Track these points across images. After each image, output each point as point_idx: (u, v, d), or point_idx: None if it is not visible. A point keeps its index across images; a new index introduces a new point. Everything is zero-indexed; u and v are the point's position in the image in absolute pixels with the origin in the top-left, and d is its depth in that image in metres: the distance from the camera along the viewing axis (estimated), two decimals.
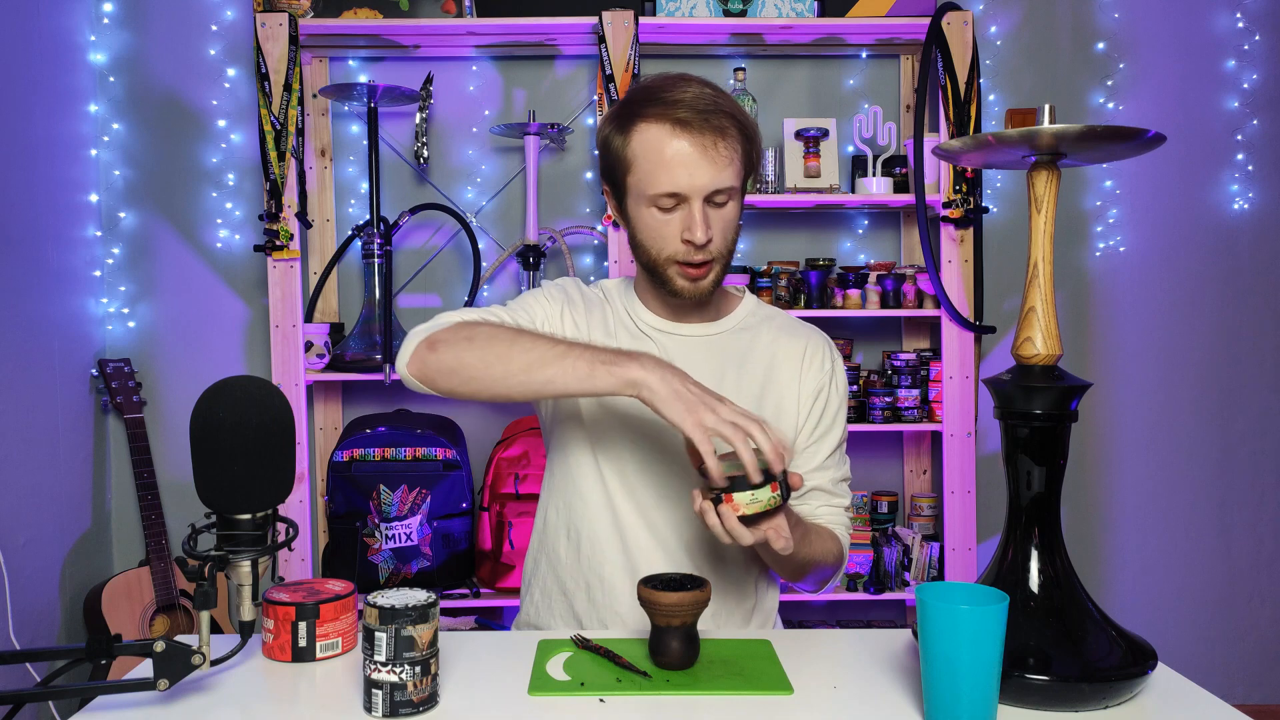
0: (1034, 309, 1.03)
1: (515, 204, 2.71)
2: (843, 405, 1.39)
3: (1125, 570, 2.81)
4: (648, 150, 1.23)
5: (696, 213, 1.22)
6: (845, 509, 1.37)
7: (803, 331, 1.40)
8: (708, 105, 1.22)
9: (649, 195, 1.24)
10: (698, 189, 1.22)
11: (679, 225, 1.24)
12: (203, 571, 0.98)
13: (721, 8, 2.49)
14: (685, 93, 1.22)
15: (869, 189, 2.51)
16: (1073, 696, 0.95)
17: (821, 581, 1.35)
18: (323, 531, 2.59)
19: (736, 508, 1.03)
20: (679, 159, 1.21)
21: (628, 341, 1.34)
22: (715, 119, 1.22)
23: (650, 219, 1.25)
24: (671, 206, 1.24)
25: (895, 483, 2.77)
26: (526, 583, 1.42)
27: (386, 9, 2.48)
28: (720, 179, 1.22)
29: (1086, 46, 2.74)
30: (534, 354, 1.11)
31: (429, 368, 1.17)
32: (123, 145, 2.64)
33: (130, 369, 2.52)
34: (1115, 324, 2.78)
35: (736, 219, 1.28)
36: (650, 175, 1.23)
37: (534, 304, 1.34)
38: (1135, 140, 0.99)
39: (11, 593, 2.14)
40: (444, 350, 1.16)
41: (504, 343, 1.13)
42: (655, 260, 1.27)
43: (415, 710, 0.96)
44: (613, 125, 1.28)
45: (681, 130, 1.21)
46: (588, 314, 1.36)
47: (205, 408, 0.97)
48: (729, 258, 1.29)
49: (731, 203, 1.26)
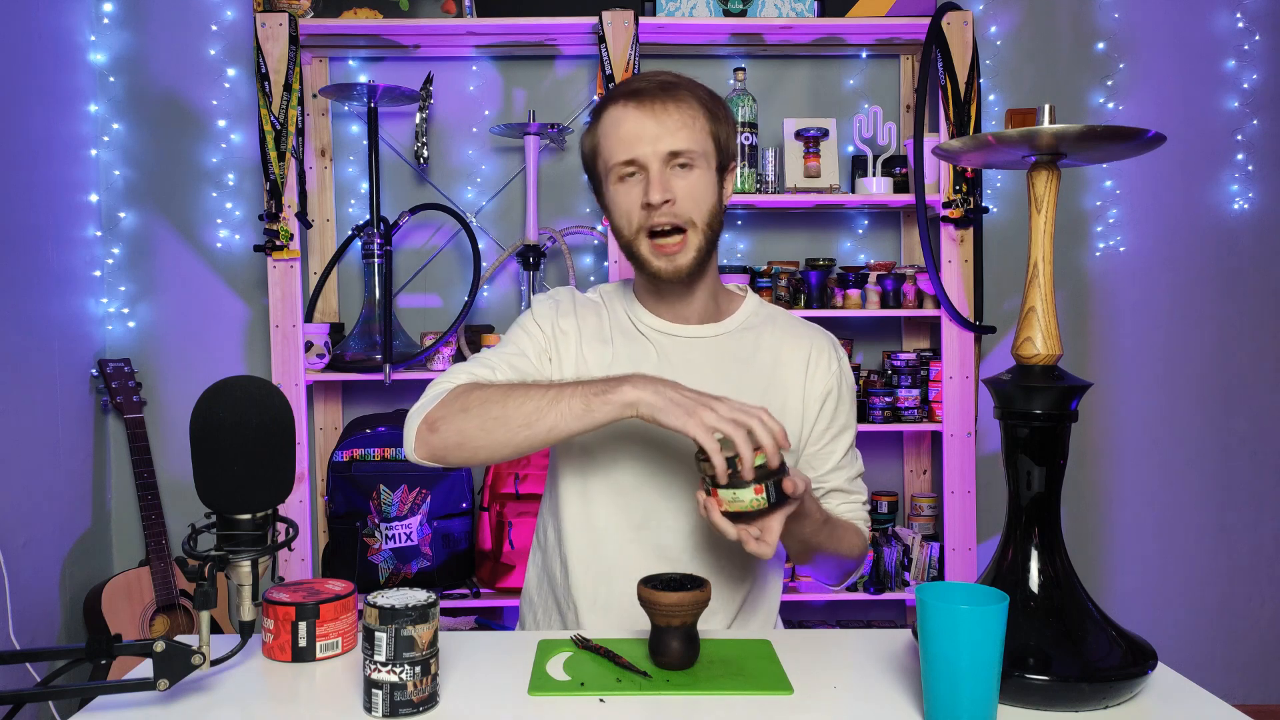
0: (1034, 309, 1.03)
1: (515, 204, 2.71)
2: (853, 404, 1.40)
3: (1125, 570, 2.81)
4: (607, 129, 1.27)
5: (654, 175, 1.24)
6: (863, 504, 1.38)
7: (807, 332, 1.39)
8: (665, 79, 1.26)
9: (612, 168, 1.27)
10: (655, 153, 1.24)
11: (639, 192, 1.25)
12: (203, 571, 0.98)
13: (721, 8, 2.49)
14: (649, 77, 1.28)
15: (869, 189, 2.51)
16: (1073, 696, 0.95)
17: (845, 574, 1.37)
18: (323, 531, 2.59)
19: (720, 503, 1.06)
20: (630, 126, 1.25)
21: (623, 344, 1.33)
22: (670, 90, 1.25)
23: (616, 194, 1.28)
24: (631, 174, 1.26)
25: (895, 483, 2.77)
26: (529, 598, 1.42)
27: (386, 9, 2.48)
28: (674, 141, 1.24)
29: (1086, 46, 2.75)
30: (529, 406, 1.13)
31: (435, 449, 1.19)
32: (123, 145, 2.64)
33: (130, 369, 2.52)
34: (1115, 324, 2.78)
35: (709, 189, 1.27)
36: (611, 149, 1.27)
37: (522, 336, 1.34)
38: (1135, 140, 0.99)
39: (11, 593, 2.14)
40: (444, 427, 1.17)
41: (497, 404, 1.14)
42: (629, 239, 1.28)
43: (415, 710, 0.96)
44: (588, 125, 1.33)
45: (634, 101, 1.25)
46: (580, 320, 1.35)
47: (205, 408, 0.97)
48: (706, 232, 1.27)
49: (697, 170, 1.26)
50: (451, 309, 2.70)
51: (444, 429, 1.17)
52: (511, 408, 1.13)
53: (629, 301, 1.38)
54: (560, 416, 1.11)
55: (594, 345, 1.34)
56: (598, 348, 1.33)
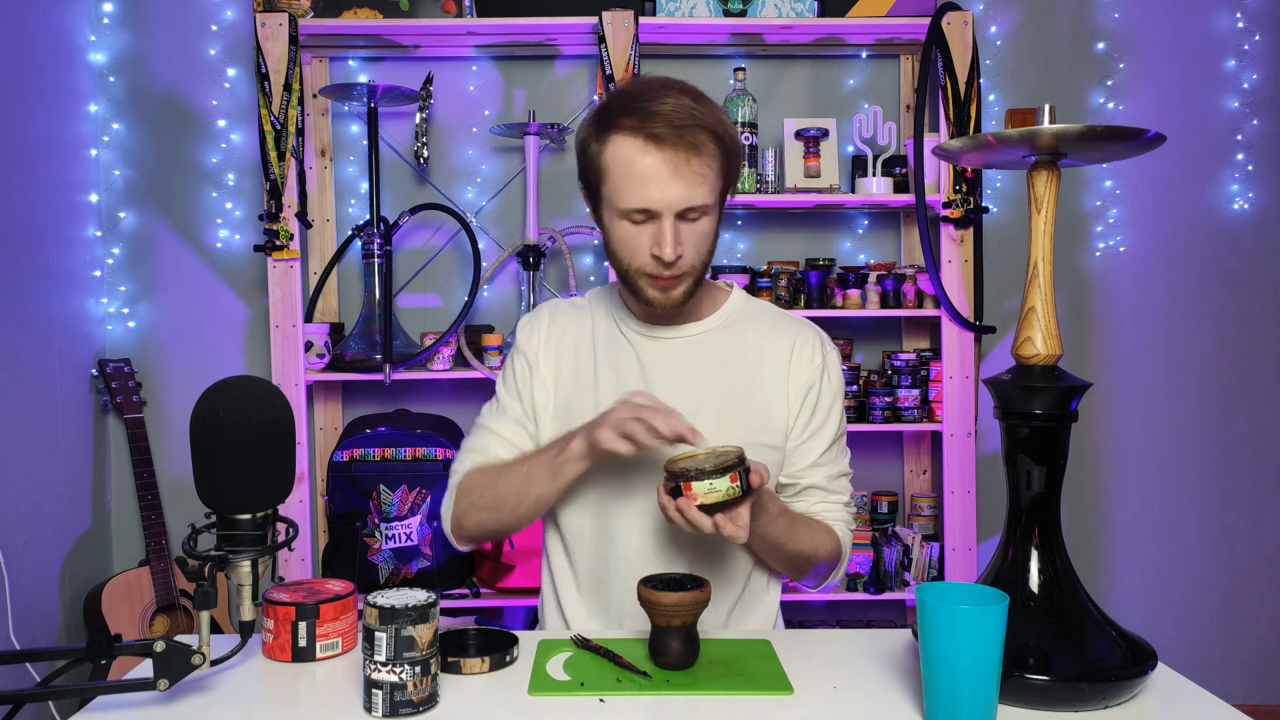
0: (1034, 309, 1.03)
1: (515, 204, 2.71)
2: (837, 400, 1.36)
3: (1125, 570, 2.81)
4: (619, 164, 1.21)
5: (667, 230, 1.21)
6: (845, 505, 1.35)
7: (791, 326, 1.37)
8: (684, 119, 1.19)
9: (620, 209, 1.23)
10: (668, 205, 1.20)
11: (649, 239, 1.23)
12: (203, 571, 0.98)
13: (721, 8, 2.49)
14: (664, 104, 1.19)
15: (869, 189, 2.51)
16: (1073, 696, 0.95)
17: (820, 577, 1.34)
18: (323, 531, 2.59)
19: (694, 497, 1.08)
20: (650, 175, 1.19)
21: (605, 353, 1.34)
22: (691, 134, 1.19)
23: (621, 230, 1.25)
24: (642, 220, 1.22)
25: (895, 483, 2.77)
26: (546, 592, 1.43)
27: (386, 9, 2.48)
28: (691, 196, 1.20)
29: (1086, 46, 2.74)
30: (512, 488, 1.27)
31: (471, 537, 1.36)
32: (123, 145, 2.64)
33: (130, 369, 2.52)
34: (1115, 324, 2.78)
35: (711, 234, 1.27)
36: (622, 189, 1.21)
37: (506, 394, 1.39)
38: (1135, 140, 0.99)
39: (11, 593, 2.14)
40: (466, 522, 1.33)
41: (490, 490, 1.29)
42: (626, 270, 1.27)
43: (415, 710, 0.96)
44: (590, 129, 1.26)
45: (654, 146, 1.19)
46: (561, 335, 1.38)
47: (205, 408, 0.97)
48: (702, 271, 1.28)
49: (705, 219, 1.24)
50: (451, 309, 2.70)
51: (467, 524, 1.32)
52: (503, 491, 1.28)
53: (613, 304, 1.38)
54: (540, 489, 1.25)
55: (573, 358, 1.36)
56: (576, 361, 1.35)
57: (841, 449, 1.38)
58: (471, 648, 1.11)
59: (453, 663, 1.06)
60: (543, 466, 1.24)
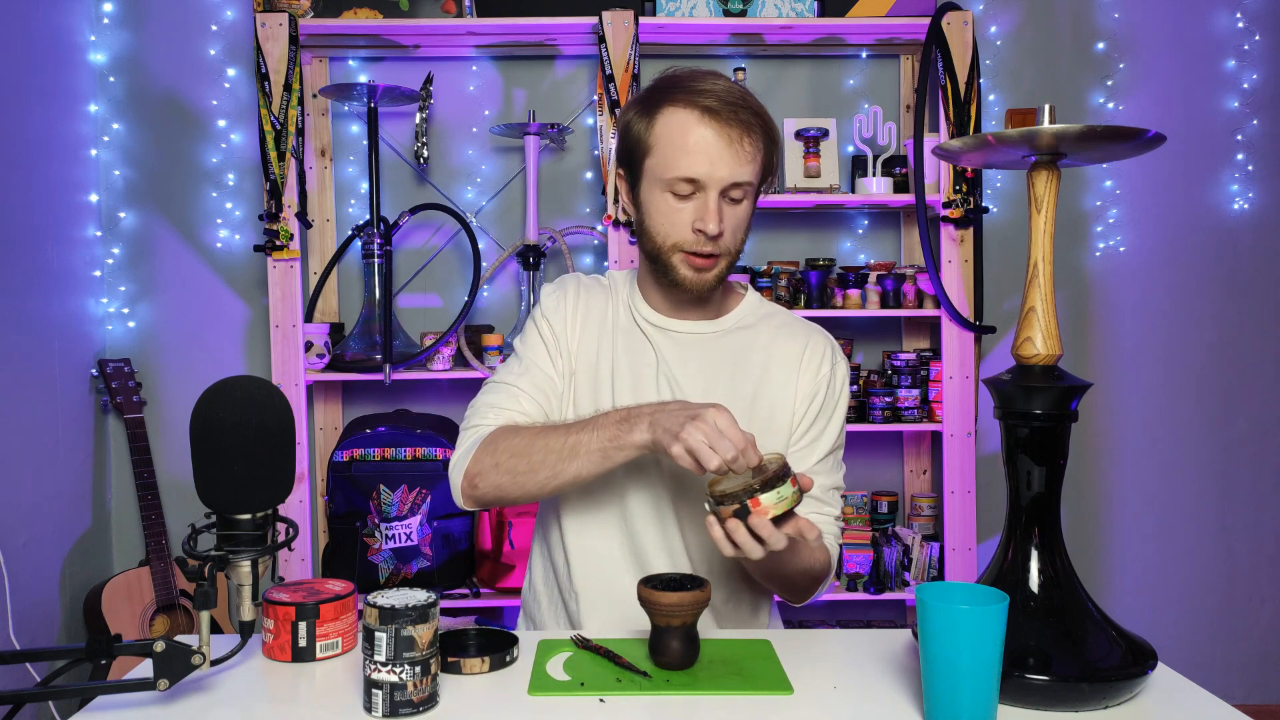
0: (1034, 309, 1.03)
1: (515, 204, 2.71)
2: (839, 410, 1.34)
3: (1125, 570, 2.81)
4: (671, 133, 1.22)
5: (711, 202, 1.22)
6: (835, 519, 1.33)
7: (803, 332, 1.36)
8: (736, 99, 1.22)
9: (666, 179, 1.23)
10: (717, 179, 1.21)
11: (692, 213, 1.23)
12: (203, 571, 0.98)
13: (721, 8, 2.49)
14: (715, 84, 1.23)
15: (869, 189, 2.51)
16: (1073, 696, 0.95)
17: (805, 594, 1.29)
18: (323, 531, 2.59)
19: (765, 511, 1.00)
20: (702, 145, 1.21)
21: (622, 339, 1.33)
22: (742, 113, 1.21)
23: (664, 203, 1.25)
24: (688, 193, 1.23)
25: (895, 483, 2.77)
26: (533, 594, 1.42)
27: (386, 9, 2.48)
28: (740, 173, 1.22)
29: (1086, 46, 2.75)
30: (552, 458, 1.18)
31: (479, 500, 1.27)
32: (123, 145, 2.64)
33: (130, 369, 2.52)
34: (1115, 324, 2.78)
35: (748, 219, 1.28)
36: (671, 159, 1.22)
37: (535, 344, 1.34)
38: (1135, 140, 0.99)
39: (11, 593, 2.14)
40: (481, 483, 1.24)
41: (524, 457, 1.20)
42: (661, 247, 1.26)
43: (415, 710, 0.96)
44: (636, 110, 1.27)
45: (709, 118, 1.21)
46: (586, 309, 1.35)
47: (205, 408, 0.97)
48: (736, 256, 1.28)
49: (746, 201, 1.26)
50: (451, 309, 2.70)
51: (482, 485, 1.24)
52: (537, 459, 1.19)
53: (632, 291, 1.38)
54: (581, 467, 1.17)
55: (595, 336, 1.34)
56: (599, 339, 1.34)
57: (838, 462, 1.36)
58: (471, 648, 1.11)
59: (453, 663, 1.06)
60: (594, 444, 1.16)
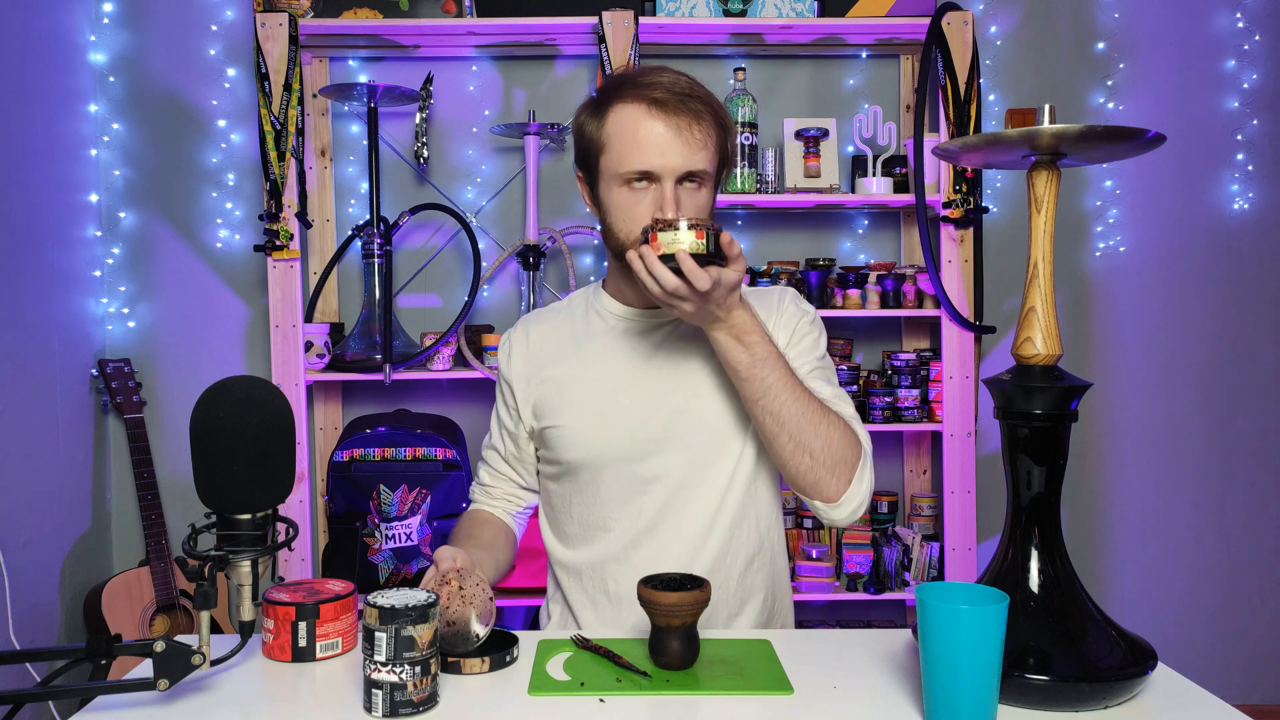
0: (1034, 309, 1.03)
1: (515, 204, 2.71)
2: (813, 328, 1.34)
3: (1125, 570, 2.81)
4: (621, 129, 1.24)
5: (668, 192, 1.22)
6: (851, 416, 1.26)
7: (764, 301, 1.36)
8: (683, 89, 1.24)
9: (621, 174, 1.24)
10: (670, 169, 1.22)
11: (649, 205, 1.24)
12: (203, 571, 0.98)
13: (721, 8, 2.49)
14: (662, 78, 1.24)
15: (869, 189, 2.51)
16: (1073, 696, 0.95)
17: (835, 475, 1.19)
18: (323, 531, 2.59)
19: (657, 247, 1.11)
20: (652, 138, 1.22)
21: (587, 347, 1.36)
22: (691, 102, 1.23)
23: (621, 199, 1.25)
24: (645, 187, 1.24)
25: (895, 483, 2.77)
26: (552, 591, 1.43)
27: (386, 9, 2.48)
28: (693, 160, 1.23)
29: (1086, 46, 2.74)
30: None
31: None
32: (123, 145, 2.64)
33: (130, 369, 2.52)
34: (1115, 324, 2.78)
35: (709, 207, 1.28)
36: (623, 154, 1.24)
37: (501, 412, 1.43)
38: (1135, 140, 0.99)
39: (11, 593, 2.14)
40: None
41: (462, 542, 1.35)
42: (625, 243, 1.26)
43: (415, 710, 0.96)
44: (587, 111, 1.30)
45: (656, 110, 1.22)
46: (539, 344, 1.39)
47: (205, 408, 0.97)
48: None
49: (705, 189, 1.26)
50: (451, 309, 2.70)
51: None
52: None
53: (597, 297, 1.40)
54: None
55: (565, 358, 1.36)
56: (571, 358, 1.36)
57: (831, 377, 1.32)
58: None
59: (453, 663, 1.06)
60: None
